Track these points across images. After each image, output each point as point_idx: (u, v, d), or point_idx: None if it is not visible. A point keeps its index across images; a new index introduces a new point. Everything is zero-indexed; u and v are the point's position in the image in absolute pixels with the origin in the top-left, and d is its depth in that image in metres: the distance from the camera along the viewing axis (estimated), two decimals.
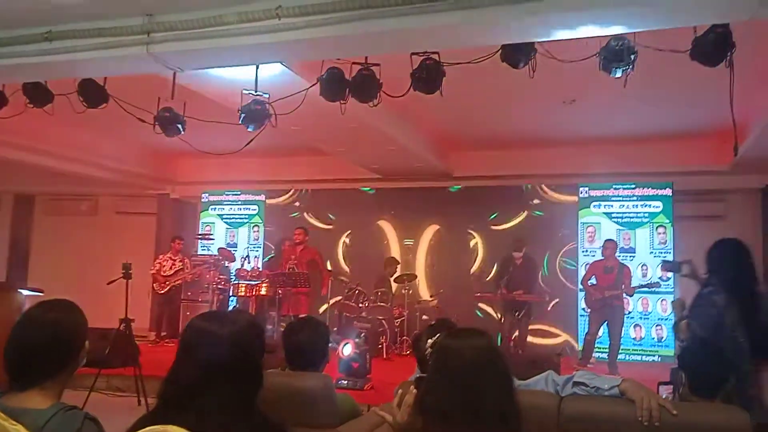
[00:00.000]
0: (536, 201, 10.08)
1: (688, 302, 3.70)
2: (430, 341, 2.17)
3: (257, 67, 5.17)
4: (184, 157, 11.10)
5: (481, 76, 5.14)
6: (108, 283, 6.77)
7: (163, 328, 9.94)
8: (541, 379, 2.46)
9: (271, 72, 5.31)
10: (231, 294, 10.01)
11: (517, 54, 4.24)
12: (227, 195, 11.57)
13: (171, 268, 9.93)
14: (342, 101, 5.02)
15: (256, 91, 5.33)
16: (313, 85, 5.07)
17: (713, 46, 3.95)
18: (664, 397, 3.05)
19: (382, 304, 9.15)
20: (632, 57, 4.14)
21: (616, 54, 4.15)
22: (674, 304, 3.91)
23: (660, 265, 7.85)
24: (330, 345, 3.01)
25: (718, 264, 3.57)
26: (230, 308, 10.17)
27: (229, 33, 3.94)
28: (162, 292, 9.85)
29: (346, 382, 6.57)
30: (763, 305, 3.41)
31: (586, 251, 9.59)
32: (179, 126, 5.78)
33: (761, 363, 3.32)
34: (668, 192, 9.36)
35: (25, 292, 6.45)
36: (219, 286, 9.77)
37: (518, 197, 10.17)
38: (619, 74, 4.25)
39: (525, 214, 10.10)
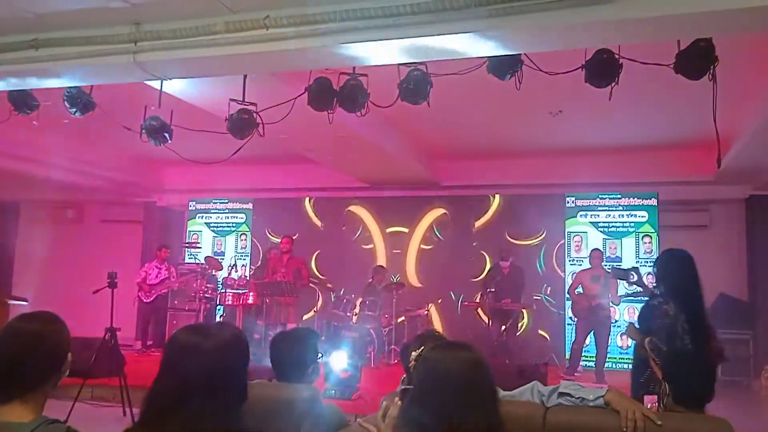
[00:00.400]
0: None
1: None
2: (414, 353, 2.17)
3: (245, 77, 5.17)
4: (171, 165, 11.04)
5: (468, 87, 5.18)
6: (93, 292, 6.71)
7: (149, 338, 9.87)
8: (526, 390, 2.47)
9: (259, 81, 5.31)
10: (218, 303, 9.96)
11: (503, 66, 4.27)
12: (214, 203, 11.54)
13: (157, 276, 9.87)
14: (330, 111, 5.04)
15: (243, 101, 5.33)
16: (301, 94, 5.08)
17: (696, 60, 4.00)
18: (648, 407, 3.08)
19: (370, 313, 9.13)
20: (617, 70, 4.19)
21: (601, 66, 4.20)
22: (628, 331, 4.02)
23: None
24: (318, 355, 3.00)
25: (667, 274, 3.72)
26: (217, 317, 10.12)
27: (216, 42, 3.95)
28: (147, 301, 9.78)
29: (334, 391, 6.54)
30: (707, 313, 3.65)
31: (573, 260, 9.65)
32: (166, 134, 5.76)
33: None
34: (653, 202, 9.45)
35: (10, 301, 6.40)
36: (206, 295, 9.72)
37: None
38: (604, 86, 4.29)
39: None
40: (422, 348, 2.03)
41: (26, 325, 1.81)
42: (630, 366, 8.93)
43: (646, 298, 4.18)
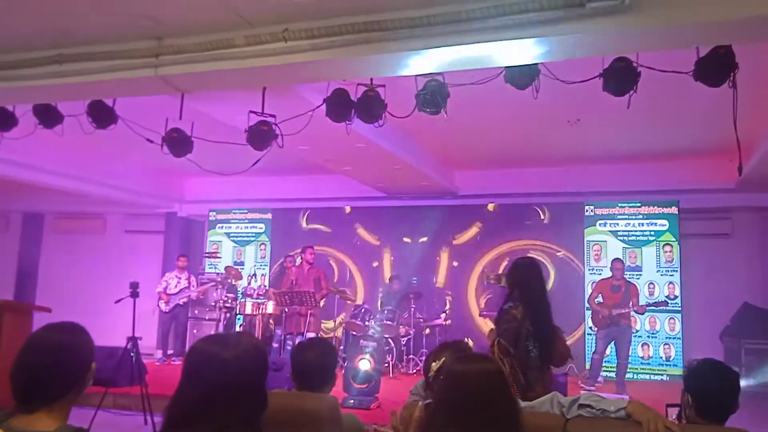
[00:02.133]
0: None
1: None
2: (435, 364, 2.17)
3: (264, 89, 5.23)
4: (191, 176, 11.19)
5: (486, 97, 5.19)
6: (116, 302, 6.80)
7: (169, 347, 9.96)
8: (546, 401, 2.45)
9: (278, 93, 5.37)
10: (237, 312, 10.02)
11: (520, 75, 4.28)
12: (234, 213, 11.64)
13: (176, 286, 9.97)
14: (348, 122, 5.07)
15: (262, 112, 5.39)
16: (319, 106, 5.13)
17: (716, 67, 3.98)
18: (672, 418, 3.04)
19: (388, 322, 9.13)
20: (635, 78, 4.18)
21: (619, 75, 4.18)
22: (488, 334, 4.35)
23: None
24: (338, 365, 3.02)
25: (517, 280, 3.98)
26: (237, 326, 10.18)
27: (236, 56, 4.00)
28: (167, 310, 9.88)
29: (353, 401, 6.54)
30: (551, 317, 3.94)
31: (593, 269, 9.57)
32: (187, 146, 5.84)
33: (546, 367, 3.92)
34: (674, 210, 9.35)
35: (34, 311, 6.50)
36: (226, 305, 9.79)
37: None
38: (622, 95, 4.27)
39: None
40: (443, 359, 2.03)
41: (51, 335, 1.85)
42: (651, 377, 8.90)
43: (669, 309, 4.18)
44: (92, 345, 1.92)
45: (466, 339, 8.87)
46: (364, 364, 6.84)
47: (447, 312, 9.69)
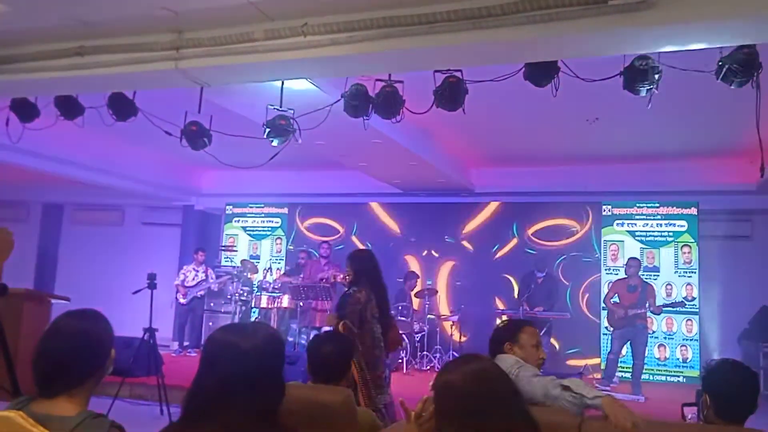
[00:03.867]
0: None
1: None
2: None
3: (282, 83, 5.25)
4: (208, 170, 11.26)
5: (504, 94, 5.16)
6: (133, 293, 6.86)
7: (185, 338, 10.05)
8: (538, 383, 2.55)
9: (296, 87, 5.39)
10: (253, 306, 10.09)
11: (539, 73, 4.25)
12: (251, 207, 11.70)
13: (194, 279, 10.06)
14: (365, 117, 5.08)
15: (281, 107, 5.41)
16: (337, 101, 5.14)
17: (740, 67, 3.92)
18: (689, 418, 3.01)
19: (402, 318, 9.14)
20: (656, 77, 4.13)
21: (640, 73, 4.14)
22: (328, 319, 5.30)
23: None
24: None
25: (361, 267, 4.53)
26: (252, 319, 10.25)
27: (255, 49, 4.02)
28: (184, 302, 9.97)
29: None
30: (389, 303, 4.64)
31: (609, 269, 9.50)
32: (205, 140, 5.88)
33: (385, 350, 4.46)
34: (694, 211, 9.25)
35: (53, 300, 6.59)
36: (241, 298, 9.85)
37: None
38: (643, 93, 4.23)
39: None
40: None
41: (73, 322, 1.88)
42: (667, 378, 8.85)
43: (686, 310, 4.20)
44: (112, 332, 1.95)
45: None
46: None
47: (462, 309, 9.68)
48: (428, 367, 9.11)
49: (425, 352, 9.32)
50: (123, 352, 6.31)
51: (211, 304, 10.47)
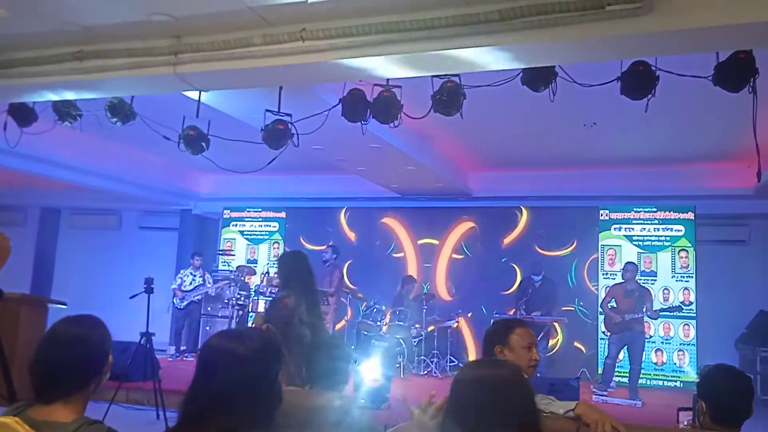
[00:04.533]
0: None
1: None
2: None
3: (280, 88, 5.26)
4: (206, 174, 11.25)
5: (502, 99, 5.18)
6: (130, 297, 6.85)
7: (182, 343, 10.03)
8: None
9: (294, 92, 5.39)
10: (250, 310, 10.07)
11: (537, 78, 4.27)
12: (248, 211, 11.69)
13: (191, 283, 10.05)
14: (363, 122, 5.09)
15: (278, 111, 5.42)
16: (335, 106, 5.15)
17: (736, 72, 3.94)
18: (684, 424, 3.02)
19: (400, 323, 9.13)
20: (654, 82, 4.15)
21: (637, 78, 4.16)
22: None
23: None
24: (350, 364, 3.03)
25: (291, 272, 4.48)
26: (249, 324, 10.22)
27: (254, 55, 4.02)
28: (181, 306, 9.96)
29: (363, 401, 6.54)
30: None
31: (607, 274, 9.51)
32: (203, 144, 5.88)
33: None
34: (691, 216, 9.26)
35: (50, 305, 6.57)
36: (239, 302, 9.84)
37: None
38: (640, 99, 4.25)
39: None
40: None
41: (71, 329, 1.88)
42: (664, 383, 8.84)
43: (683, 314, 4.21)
44: (110, 338, 1.95)
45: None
46: (369, 370, 6.83)
47: (460, 314, 9.68)
48: (425, 372, 9.10)
49: (423, 357, 9.30)
50: (120, 357, 6.26)
51: (208, 309, 10.46)
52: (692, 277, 9.15)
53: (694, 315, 9.03)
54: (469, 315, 10.00)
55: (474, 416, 1.64)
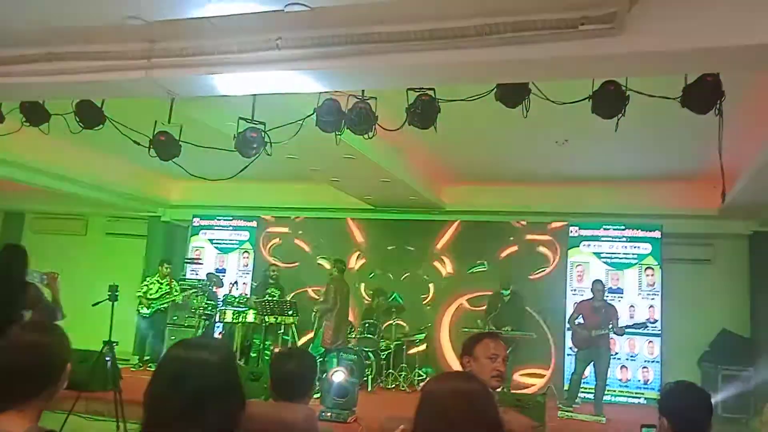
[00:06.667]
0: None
1: None
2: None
3: (254, 96, 5.22)
4: (176, 181, 11.09)
5: (476, 114, 5.22)
6: (93, 305, 6.70)
7: (146, 352, 9.83)
8: None
9: (269, 100, 5.36)
10: (217, 320, 9.92)
11: (511, 94, 4.31)
12: (219, 220, 11.56)
13: (157, 291, 9.87)
14: (338, 132, 5.07)
15: (252, 119, 5.37)
16: (310, 115, 5.13)
17: (703, 94, 4.03)
18: None
19: (369, 336, 9.09)
20: (624, 102, 4.22)
21: (608, 98, 4.23)
22: None
23: None
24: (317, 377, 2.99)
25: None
26: (216, 334, 10.06)
27: (228, 62, 3.98)
28: (146, 315, 9.76)
29: (330, 414, 6.49)
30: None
31: (575, 290, 9.61)
32: (174, 150, 5.80)
33: None
34: (657, 234, 9.44)
35: None
36: (206, 312, 9.69)
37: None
38: (610, 118, 4.32)
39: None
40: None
41: (27, 334, 1.82)
42: (629, 400, 8.94)
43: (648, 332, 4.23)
44: (69, 346, 1.89)
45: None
46: (338, 377, 6.78)
47: (429, 327, 9.68)
48: (393, 386, 9.06)
49: (391, 371, 9.27)
50: (80, 366, 6.15)
51: (174, 318, 10.27)
52: (658, 294, 9.30)
53: (659, 332, 9.17)
54: (439, 327, 9.99)
55: (445, 428, 1.65)
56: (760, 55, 3.31)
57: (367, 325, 9.23)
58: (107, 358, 6.17)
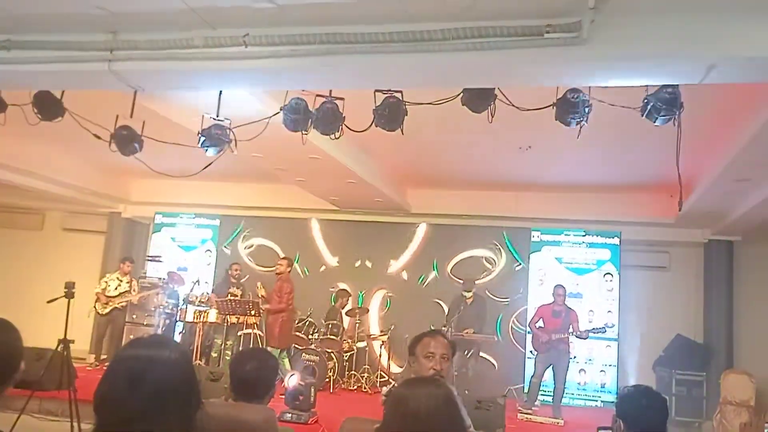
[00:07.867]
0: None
1: None
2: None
3: (220, 92, 5.16)
4: (138, 176, 10.88)
5: (443, 118, 5.25)
6: (48, 302, 6.52)
7: (103, 351, 9.60)
8: None
9: (234, 97, 5.30)
10: (177, 319, 9.75)
11: (477, 99, 4.35)
12: (181, 217, 11.38)
13: (116, 288, 9.65)
14: (304, 132, 5.05)
15: (217, 116, 5.31)
16: (276, 114, 5.09)
17: (662, 106, 4.14)
18: None
19: (332, 337, 9.06)
20: (586, 110, 4.30)
21: (571, 106, 4.30)
22: None
23: None
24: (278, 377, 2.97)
25: None
26: (176, 333, 9.89)
27: (194, 56, 3.93)
28: (104, 312, 9.54)
29: (290, 415, 6.44)
30: None
31: (536, 295, 9.73)
32: (136, 145, 5.70)
33: None
34: (616, 241, 9.64)
35: None
36: (166, 310, 9.52)
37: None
38: (573, 125, 4.40)
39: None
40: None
41: None
42: (586, 402, 9.08)
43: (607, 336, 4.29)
44: (20, 343, 1.83)
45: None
46: (293, 381, 6.72)
47: (393, 328, 9.68)
48: (355, 387, 9.04)
49: (353, 372, 9.25)
50: (33, 364, 5.99)
51: (134, 316, 10.04)
52: (616, 299, 9.50)
53: (617, 337, 9.36)
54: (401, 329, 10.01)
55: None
56: (720, 67, 3.40)
57: (330, 326, 9.19)
58: (62, 357, 6.00)
